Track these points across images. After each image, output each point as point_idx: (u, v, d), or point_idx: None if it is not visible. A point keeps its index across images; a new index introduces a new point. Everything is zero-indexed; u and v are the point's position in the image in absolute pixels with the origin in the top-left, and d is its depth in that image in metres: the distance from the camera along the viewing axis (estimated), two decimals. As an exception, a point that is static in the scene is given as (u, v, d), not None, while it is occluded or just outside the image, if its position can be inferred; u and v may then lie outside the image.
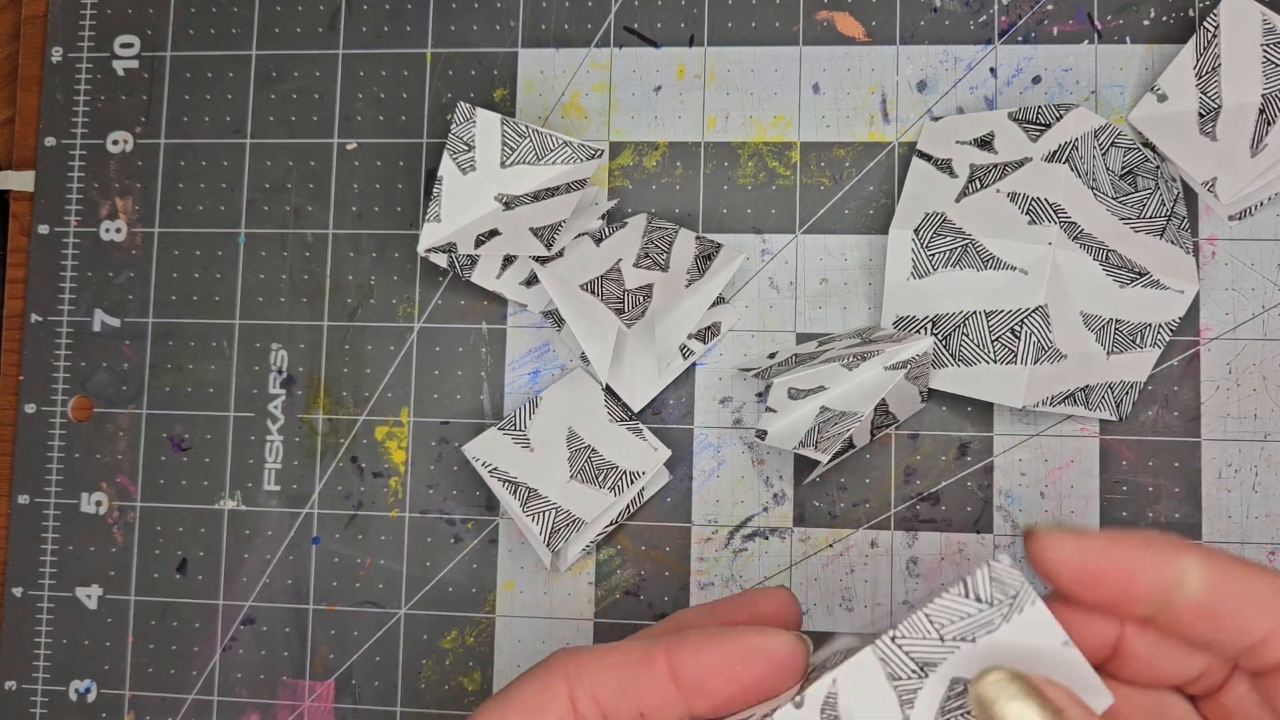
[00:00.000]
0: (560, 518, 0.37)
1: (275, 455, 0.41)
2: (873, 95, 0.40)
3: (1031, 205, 0.37)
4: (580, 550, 0.39)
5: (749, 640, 0.26)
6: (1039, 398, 0.37)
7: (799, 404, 0.37)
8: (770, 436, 0.37)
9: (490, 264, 0.40)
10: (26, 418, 0.42)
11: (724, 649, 0.26)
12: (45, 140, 0.43)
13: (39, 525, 0.42)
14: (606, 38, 0.41)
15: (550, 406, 0.39)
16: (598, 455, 0.38)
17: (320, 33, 0.42)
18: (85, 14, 0.43)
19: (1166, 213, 0.38)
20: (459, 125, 0.39)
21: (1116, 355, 0.37)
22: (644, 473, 0.38)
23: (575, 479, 0.38)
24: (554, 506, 0.38)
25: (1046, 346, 0.36)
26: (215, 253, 0.42)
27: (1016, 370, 0.36)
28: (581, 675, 0.26)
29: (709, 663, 0.26)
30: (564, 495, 0.38)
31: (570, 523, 0.37)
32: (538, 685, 0.26)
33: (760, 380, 0.38)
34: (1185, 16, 0.39)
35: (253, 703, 0.40)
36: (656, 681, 0.26)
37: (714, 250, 0.38)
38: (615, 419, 0.39)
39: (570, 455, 0.38)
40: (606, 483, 0.38)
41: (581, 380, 0.39)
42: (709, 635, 0.26)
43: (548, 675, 0.26)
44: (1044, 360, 0.36)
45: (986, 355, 0.37)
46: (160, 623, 0.41)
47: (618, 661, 0.26)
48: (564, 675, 0.26)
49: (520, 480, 0.38)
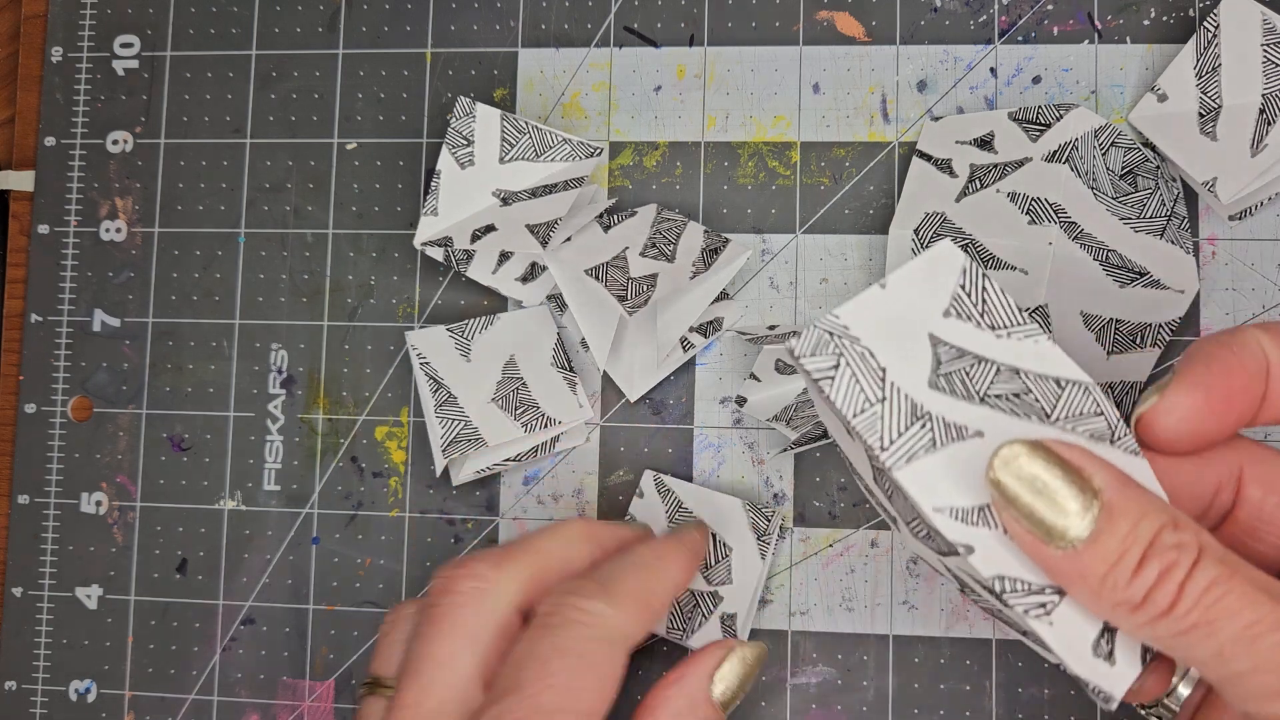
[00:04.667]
0: (466, 430, 0.38)
1: (275, 455, 0.41)
2: (873, 95, 0.40)
3: (1031, 205, 0.37)
4: (474, 472, 0.39)
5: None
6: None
7: (785, 380, 0.38)
8: (749, 405, 0.38)
9: (487, 259, 0.40)
10: (26, 418, 0.42)
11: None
12: (45, 140, 0.43)
13: (39, 525, 0.42)
14: (606, 37, 0.41)
15: (503, 329, 0.40)
16: (525, 390, 0.39)
17: (320, 32, 0.42)
18: (85, 13, 0.43)
19: (1167, 213, 0.38)
20: (458, 120, 0.39)
21: (1117, 355, 0.37)
22: (560, 422, 0.38)
23: (495, 402, 0.39)
24: (465, 419, 0.38)
25: (1047, 346, 0.36)
26: (215, 252, 0.42)
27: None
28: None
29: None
30: (479, 412, 0.38)
31: (474, 439, 0.38)
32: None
33: (754, 346, 0.39)
34: (1185, 16, 0.39)
35: (253, 703, 0.40)
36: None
37: (721, 244, 0.38)
38: (557, 365, 0.39)
39: (501, 379, 0.39)
40: (523, 417, 0.38)
41: (542, 318, 0.40)
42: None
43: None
44: (1044, 360, 0.36)
45: (987, 355, 0.37)
46: (160, 623, 0.41)
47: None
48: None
49: (445, 383, 0.39)
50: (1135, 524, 0.22)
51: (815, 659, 0.38)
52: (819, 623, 0.38)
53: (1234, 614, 0.21)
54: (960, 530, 0.23)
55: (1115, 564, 0.22)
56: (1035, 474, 0.22)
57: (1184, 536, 0.22)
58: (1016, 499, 0.22)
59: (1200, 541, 0.22)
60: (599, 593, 0.29)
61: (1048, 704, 0.37)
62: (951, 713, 0.37)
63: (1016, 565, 0.23)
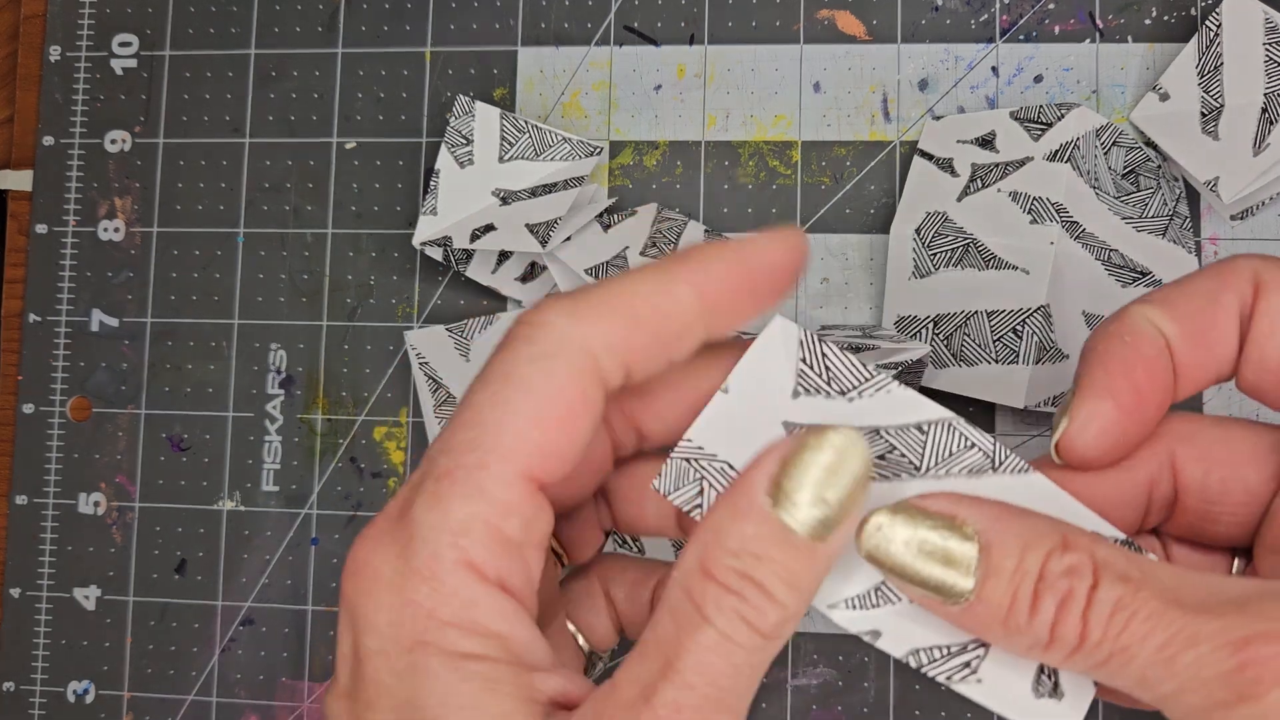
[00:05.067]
0: None
1: (274, 455, 0.41)
2: (874, 94, 0.40)
3: (1033, 204, 0.37)
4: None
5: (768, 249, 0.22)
6: (1041, 398, 0.37)
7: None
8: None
9: (487, 258, 0.40)
10: (25, 418, 0.42)
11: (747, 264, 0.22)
12: (44, 139, 0.43)
13: (37, 526, 0.42)
14: (606, 36, 0.41)
15: (503, 328, 0.40)
16: None
17: (319, 32, 0.42)
18: (84, 13, 0.43)
19: (1168, 212, 0.37)
20: (458, 119, 0.39)
21: (1118, 355, 0.37)
22: None
23: None
24: None
25: (1048, 346, 0.36)
26: (214, 252, 0.42)
27: (1018, 370, 0.36)
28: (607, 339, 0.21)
29: (736, 286, 0.22)
30: None
31: None
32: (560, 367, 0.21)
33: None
34: (1187, 15, 0.39)
35: (252, 704, 0.40)
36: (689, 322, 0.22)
37: None
38: None
39: None
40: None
41: None
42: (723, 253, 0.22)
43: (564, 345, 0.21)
44: (1046, 360, 0.36)
45: (988, 355, 0.37)
46: (159, 623, 0.41)
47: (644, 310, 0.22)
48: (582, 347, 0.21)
49: (445, 383, 0.39)
50: (1020, 559, 0.20)
51: (816, 660, 0.38)
52: (820, 624, 0.38)
53: (1144, 638, 0.19)
54: (861, 619, 0.22)
55: (1010, 607, 0.20)
56: (907, 536, 0.21)
57: (1075, 559, 0.20)
58: (898, 566, 0.21)
59: (1095, 559, 0.20)
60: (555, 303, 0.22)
61: (1049, 705, 0.37)
62: (952, 714, 0.37)
63: (926, 634, 0.22)
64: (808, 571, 0.21)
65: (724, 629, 0.20)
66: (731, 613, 0.20)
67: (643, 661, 0.21)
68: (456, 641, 0.20)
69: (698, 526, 0.21)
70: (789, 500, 0.20)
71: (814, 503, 0.20)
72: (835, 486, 0.21)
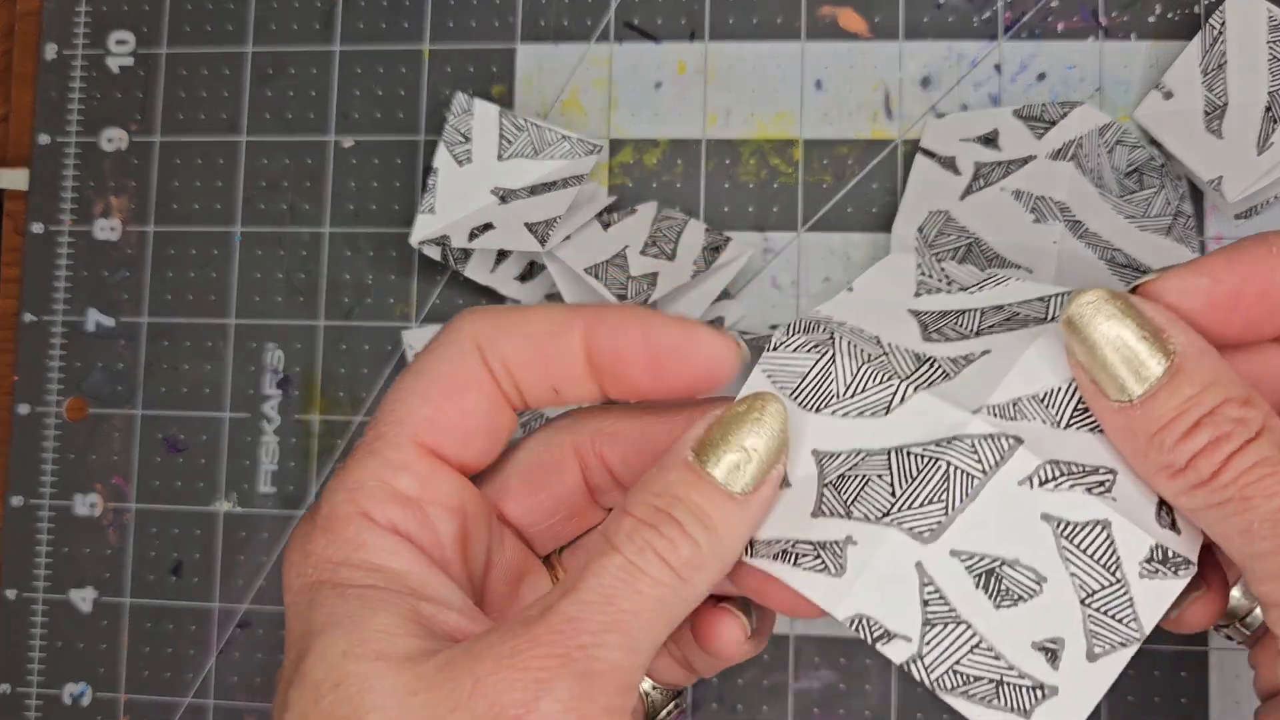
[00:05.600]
0: None
1: (271, 456, 0.41)
2: (876, 92, 0.39)
3: (1036, 203, 0.37)
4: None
5: (677, 331, 0.24)
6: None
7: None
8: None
9: (485, 257, 0.39)
10: (20, 419, 0.42)
11: (649, 334, 0.24)
12: (39, 138, 0.42)
13: (33, 527, 0.41)
14: (606, 33, 0.41)
15: None
16: None
17: (317, 29, 0.42)
18: (80, 10, 0.43)
19: (1172, 211, 0.37)
20: (456, 117, 0.39)
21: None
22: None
23: None
24: None
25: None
26: (211, 251, 0.42)
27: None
28: (495, 340, 0.24)
29: (625, 349, 0.24)
30: None
31: None
32: (451, 355, 0.24)
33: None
34: (1190, 13, 0.39)
35: (249, 706, 0.40)
36: (571, 358, 0.24)
37: (722, 243, 0.38)
38: None
39: None
40: (521, 417, 0.38)
41: None
42: (630, 318, 0.24)
43: (459, 341, 0.24)
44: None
45: (991, 355, 0.37)
46: (155, 626, 0.41)
47: (534, 330, 0.24)
48: (474, 340, 0.24)
49: None
50: (1201, 389, 0.21)
51: (818, 663, 0.38)
52: (822, 627, 0.38)
53: (1271, 495, 0.20)
54: (999, 426, 0.23)
55: (1167, 424, 0.21)
56: (1112, 323, 0.21)
57: (1249, 413, 0.21)
58: (1090, 342, 0.21)
59: (1267, 423, 0.21)
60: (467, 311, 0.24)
61: (1053, 708, 0.37)
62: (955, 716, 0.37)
63: (1068, 450, 0.22)
64: (723, 515, 0.22)
65: (631, 556, 0.21)
66: (642, 543, 0.21)
67: (549, 592, 0.22)
68: (347, 576, 0.22)
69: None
70: (711, 452, 0.22)
71: (734, 449, 0.22)
72: (754, 436, 0.22)
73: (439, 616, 0.22)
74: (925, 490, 0.22)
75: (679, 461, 0.22)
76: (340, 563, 0.22)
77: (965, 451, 0.22)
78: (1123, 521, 0.22)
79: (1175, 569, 0.22)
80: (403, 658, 0.20)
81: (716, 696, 0.38)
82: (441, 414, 0.23)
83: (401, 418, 0.23)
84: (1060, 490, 0.22)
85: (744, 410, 0.22)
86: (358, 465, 0.23)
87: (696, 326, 0.24)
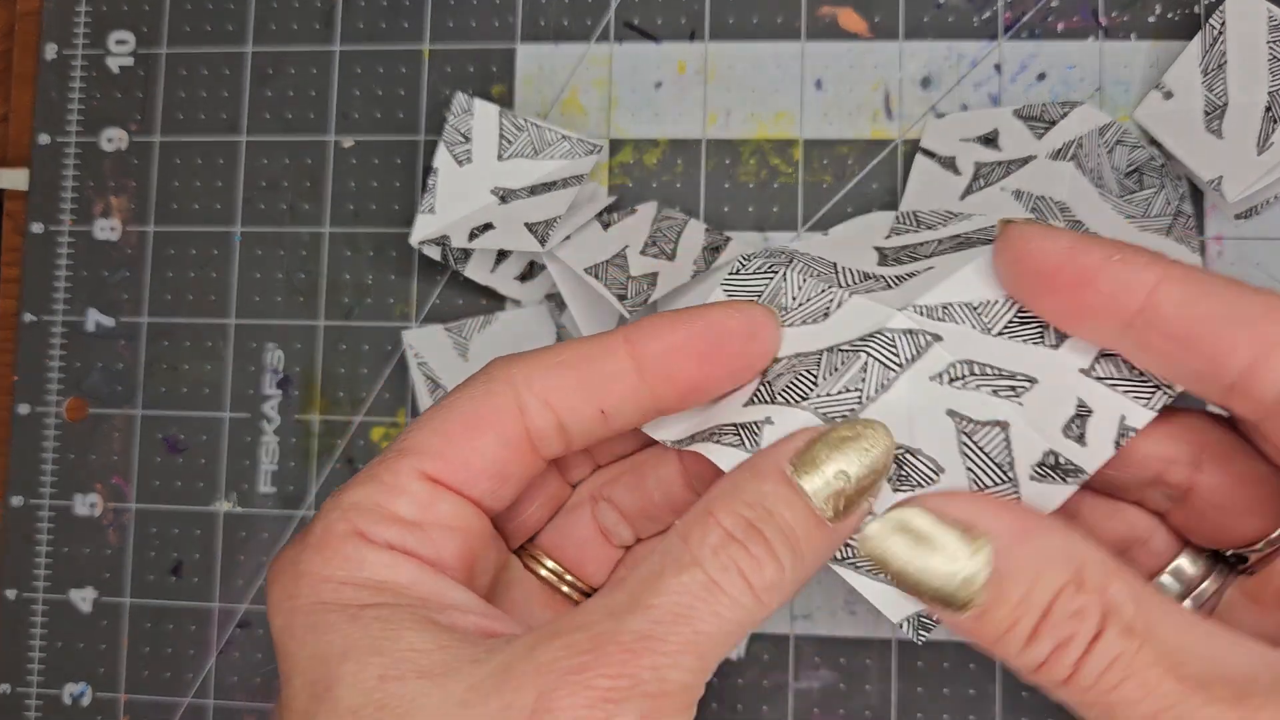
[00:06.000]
0: None
1: (271, 456, 0.41)
2: (876, 92, 0.39)
3: (1036, 203, 0.37)
4: None
5: (716, 315, 0.23)
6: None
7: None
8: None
9: (485, 257, 0.39)
10: (20, 419, 0.42)
11: (691, 327, 0.23)
12: (39, 138, 0.42)
13: (33, 527, 0.41)
14: (606, 33, 0.41)
15: (501, 328, 0.39)
16: None
17: (317, 29, 0.42)
18: (80, 10, 0.43)
19: (1172, 211, 0.37)
20: (456, 117, 0.39)
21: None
22: None
23: None
24: None
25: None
26: (211, 251, 0.42)
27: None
28: (531, 378, 0.23)
29: (675, 344, 0.23)
30: None
31: None
32: (477, 394, 0.23)
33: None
34: (1190, 13, 0.39)
35: (249, 706, 0.40)
36: (619, 371, 0.23)
37: (723, 243, 0.38)
38: None
39: None
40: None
41: (541, 318, 0.39)
42: (670, 317, 0.23)
43: (490, 383, 0.23)
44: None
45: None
46: (155, 626, 0.41)
47: (572, 358, 0.23)
48: (508, 381, 0.23)
49: (443, 383, 0.38)
50: (1029, 589, 0.20)
51: (818, 663, 0.38)
52: (822, 626, 0.38)
53: (1134, 704, 0.19)
54: (920, 323, 0.23)
55: (1009, 631, 0.20)
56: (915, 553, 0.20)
57: (1084, 602, 0.19)
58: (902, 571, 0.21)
59: (1105, 604, 0.19)
60: (505, 355, 0.24)
61: (1052, 708, 0.37)
62: (955, 717, 0.37)
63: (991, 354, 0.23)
64: (812, 541, 0.21)
65: (714, 574, 0.20)
66: (728, 560, 0.20)
67: (614, 593, 0.20)
68: (352, 596, 0.21)
69: (713, 485, 0.22)
70: (810, 469, 0.21)
71: (834, 474, 0.21)
72: (857, 463, 0.21)
73: (459, 621, 0.21)
74: (843, 380, 0.23)
75: (776, 472, 0.21)
76: (341, 581, 0.21)
77: (884, 345, 0.23)
78: (1022, 426, 0.22)
79: (1065, 475, 0.22)
80: (444, 671, 0.19)
81: (716, 696, 0.38)
82: (451, 447, 0.23)
83: (409, 447, 0.23)
84: (967, 389, 0.23)
85: (851, 435, 0.21)
86: (354, 487, 0.23)
87: (747, 308, 0.23)
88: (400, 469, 0.22)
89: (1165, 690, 0.19)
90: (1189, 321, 0.21)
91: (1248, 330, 0.20)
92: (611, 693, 0.19)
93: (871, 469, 0.21)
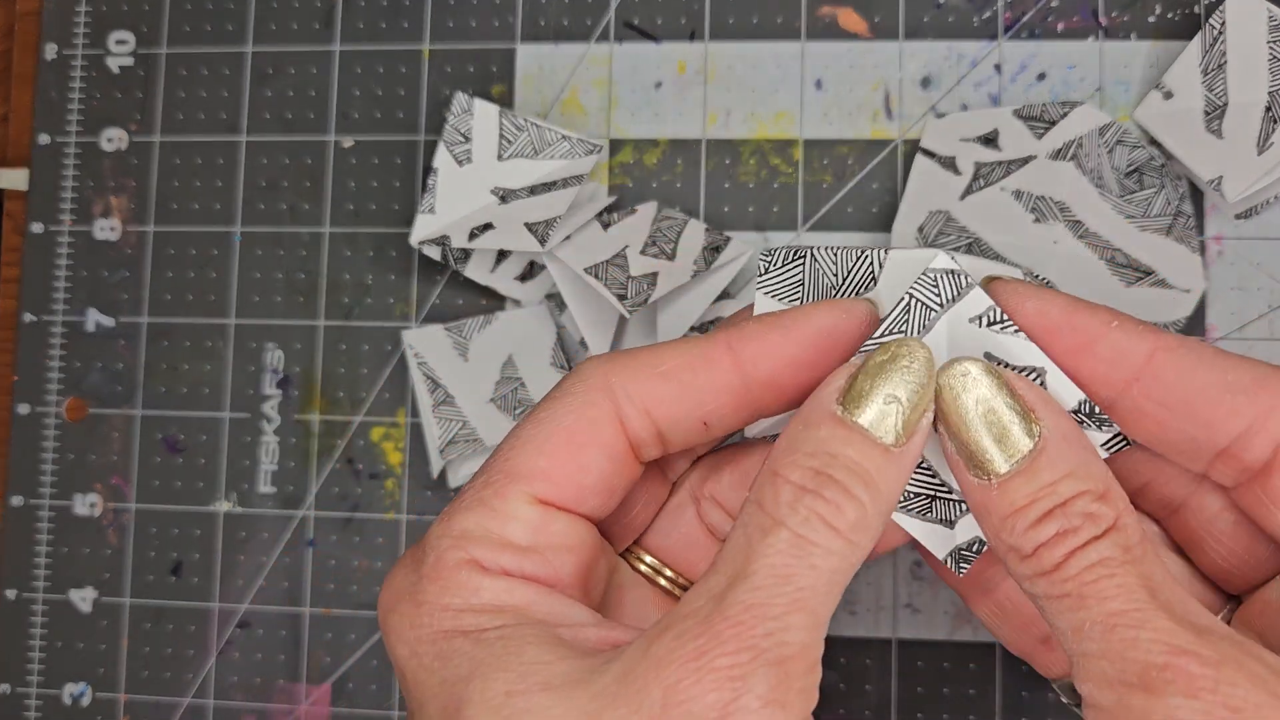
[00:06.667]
0: (464, 431, 0.38)
1: (271, 456, 0.41)
2: (876, 92, 0.39)
3: (1036, 203, 0.37)
4: (469, 476, 0.38)
5: (824, 322, 0.23)
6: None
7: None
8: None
9: (485, 257, 0.39)
10: (20, 419, 0.42)
11: (803, 337, 0.23)
12: (39, 138, 0.42)
13: (33, 527, 0.41)
14: (606, 33, 0.41)
15: (502, 328, 0.39)
16: (524, 390, 0.39)
17: (316, 29, 0.42)
18: (80, 10, 0.43)
19: (1172, 211, 0.37)
20: (456, 116, 0.39)
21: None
22: None
23: (494, 402, 0.38)
24: (463, 419, 0.38)
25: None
26: (211, 251, 0.42)
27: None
28: (630, 388, 0.22)
29: (787, 357, 0.23)
30: (477, 413, 0.38)
31: (472, 440, 0.37)
32: (575, 406, 0.23)
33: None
34: (1190, 13, 0.38)
35: (249, 706, 0.40)
36: (724, 385, 0.23)
37: (723, 243, 0.38)
38: (556, 365, 0.39)
39: (499, 379, 0.39)
40: (522, 417, 0.38)
41: (541, 317, 0.39)
42: (776, 327, 0.23)
43: (587, 392, 0.23)
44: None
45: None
46: (155, 626, 0.41)
47: (674, 367, 0.23)
48: (606, 390, 0.22)
49: (443, 383, 0.38)
50: (1059, 478, 0.21)
51: (817, 662, 0.38)
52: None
53: (1105, 599, 0.20)
54: (958, 264, 0.23)
55: (1020, 509, 0.21)
56: (983, 396, 0.21)
57: (1102, 509, 0.20)
58: (959, 414, 0.21)
59: (1118, 520, 0.20)
60: (597, 356, 0.23)
61: (1052, 708, 0.37)
62: (955, 717, 0.37)
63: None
64: (882, 470, 0.21)
65: (798, 529, 0.20)
66: (807, 511, 0.20)
67: (710, 577, 0.20)
68: (474, 621, 0.21)
69: (771, 447, 0.22)
70: (859, 403, 0.21)
71: (885, 400, 0.21)
72: (903, 385, 0.21)
73: (578, 635, 0.21)
74: (886, 322, 0.23)
75: (827, 415, 0.21)
76: (461, 609, 0.21)
77: (927, 285, 0.23)
78: (1058, 373, 0.23)
79: (1100, 424, 0.23)
80: (569, 682, 0.19)
81: (716, 697, 0.38)
82: (557, 467, 0.22)
83: (514, 469, 0.22)
84: (1006, 333, 0.23)
85: (888, 358, 0.21)
86: (464, 513, 0.22)
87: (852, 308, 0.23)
88: (509, 494, 0.22)
89: (1137, 597, 0.19)
90: (1187, 389, 0.22)
91: (1245, 397, 0.21)
92: (735, 669, 0.19)
93: (919, 385, 0.21)
